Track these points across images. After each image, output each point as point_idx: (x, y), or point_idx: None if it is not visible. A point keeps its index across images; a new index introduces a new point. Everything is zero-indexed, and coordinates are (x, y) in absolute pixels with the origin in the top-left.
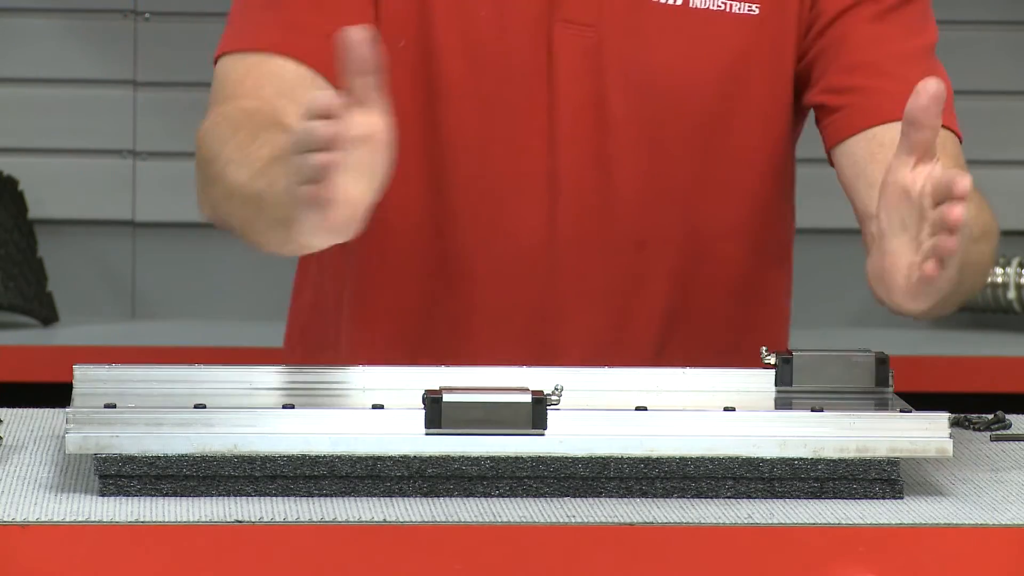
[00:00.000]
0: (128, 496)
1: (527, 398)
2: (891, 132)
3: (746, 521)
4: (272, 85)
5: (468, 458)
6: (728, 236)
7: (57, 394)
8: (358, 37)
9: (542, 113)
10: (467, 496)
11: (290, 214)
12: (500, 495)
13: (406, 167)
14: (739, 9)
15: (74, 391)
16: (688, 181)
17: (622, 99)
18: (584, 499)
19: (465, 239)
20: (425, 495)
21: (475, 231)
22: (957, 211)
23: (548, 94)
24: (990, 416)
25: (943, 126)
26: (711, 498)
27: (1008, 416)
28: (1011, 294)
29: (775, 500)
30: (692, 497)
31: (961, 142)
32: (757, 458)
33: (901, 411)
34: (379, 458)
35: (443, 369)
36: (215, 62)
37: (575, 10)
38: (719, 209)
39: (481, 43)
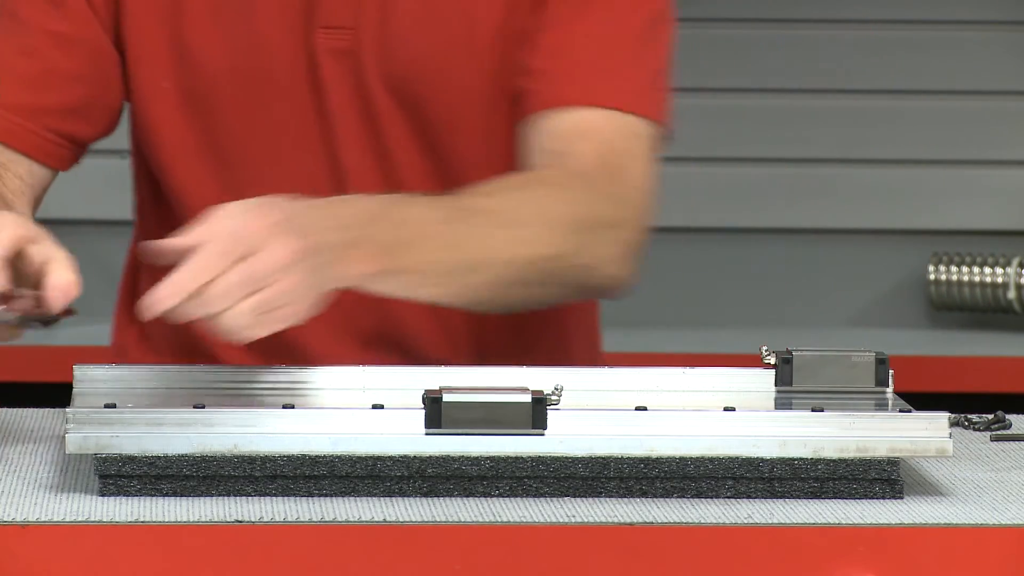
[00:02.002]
0: (128, 496)
1: (527, 398)
2: (550, 122)
3: (746, 521)
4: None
5: (468, 458)
6: None
7: (57, 394)
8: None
9: (313, 123)
10: (467, 496)
11: None
12: (500, 495)
13: (201, 195)
14: None
15: (74, 391)
16: (468, 167)
17: (386, 97)
18: (584, 499)
19: None
20: (425, 495)
21: None
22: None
23: (316, 103)
24: (990, 416)
25: (612, 107)
26: (711, 498)
27: (1008, 416)
28: (1011, 294)
29: (775, 500)
30: (692, 497)
31: (661, 123)
32: (757, 458)
33: (901, 411)
34: (379, 458)
35: (443, 369)
36: None
37: (332, 15)
38: None
39: (244, 64)
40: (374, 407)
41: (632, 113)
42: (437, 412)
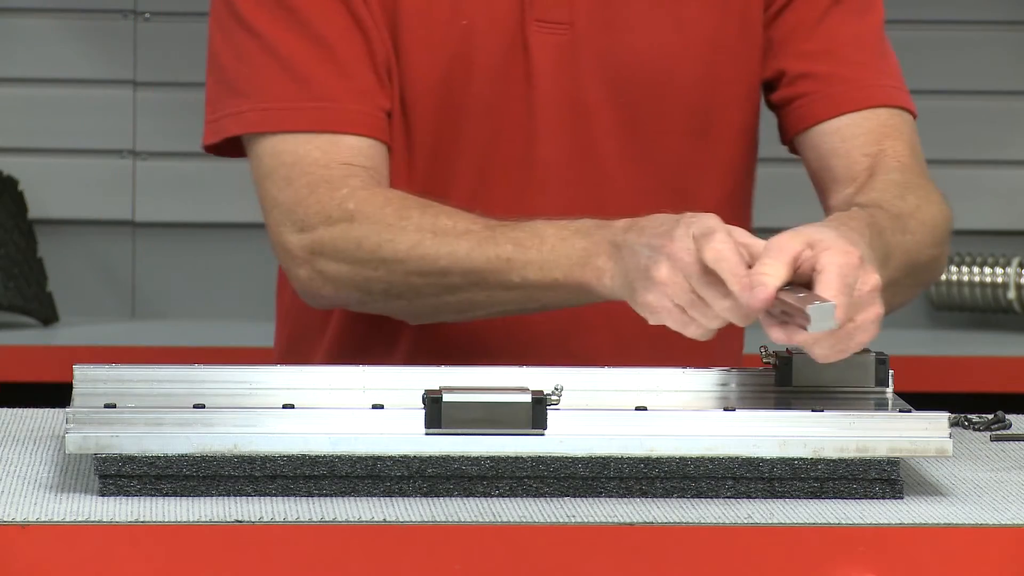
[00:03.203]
0: (128, 496)
1: (527, 398)
2: (852, 124)
3: (746, 521)
4: (367, 162)
5: (468, 458)
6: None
7: (57, 394)
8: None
9: (522, 115)
10: (467, 496)
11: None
12: (500, 495)
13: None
14: None
15: (74, 391)
16: (674, 167)
17: (601, 93)
18: (584, 499)
19: None
20: (425, 495)
21: None
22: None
23: (527, 96)
24: (990, 416)
25: (896, 106)
26: (711, 498)
27: (1008, 416)
28: (1011, 294)
29: (775, 500)
30: (692, 497)
31: (915, 116)
32: (757, 458)
33: (901, 411)
34: (379, 458)
35: (443, 369)
36: (238, 138)
37: (547, 9)
38: (706, 191)
39: (455, 55)
40: (374, 407)
41: (903, 108)
42: (437, 412)
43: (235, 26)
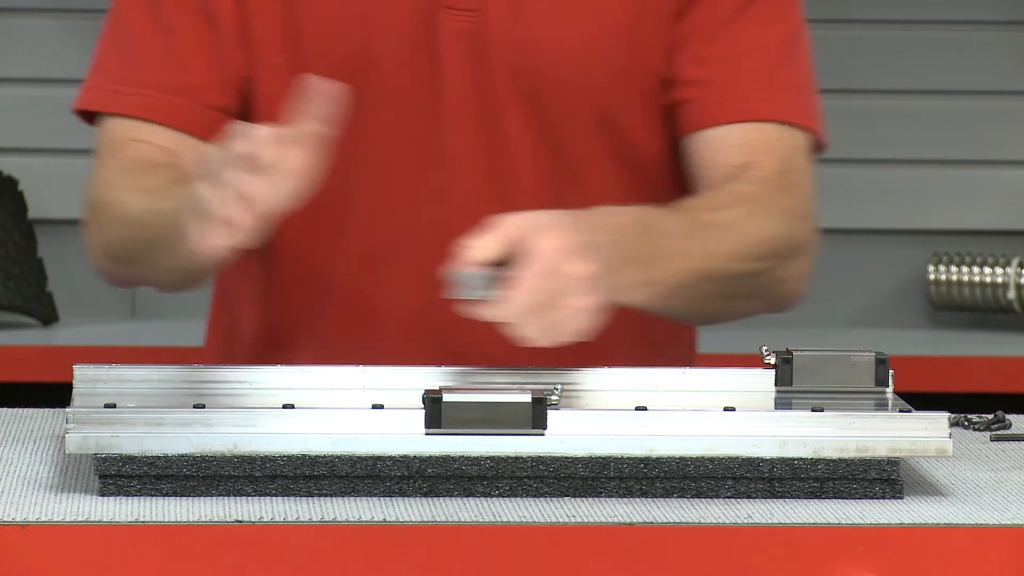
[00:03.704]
0: (128, 496)
1: (527, 398)
2: (726, 135)
3: (746, 521)
4: (156, 151)
5: (468, 458)
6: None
7: (57, 394)
8: (330, 91)
9: (423, 103)
10: (467, 496)
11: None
12: (500, 495)
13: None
14: None
15: (74, 391)
16: (580, 159)
17: (508, 83)
18: (584, 499)
19: (371, 227)
20: (425, 495)
21: (378, 220)
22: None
23: (434, 85)
24: (990, 416)
25: (783, 121)
26: (711, 498)
27: (1008, 416)
28: (1011, 294)
29: (775, 500)
30: (692, 497)
31: (818, 134)
32: (757, 458)
33: (901, 411)
34: (379, 458)
35: (443, 369)
36: (83, 112)
37: None
38: (612, 184)
39: (360, 40)
40: (374, 407)
41: (797, 126)
42: (437, 412)
43: (114, 4)
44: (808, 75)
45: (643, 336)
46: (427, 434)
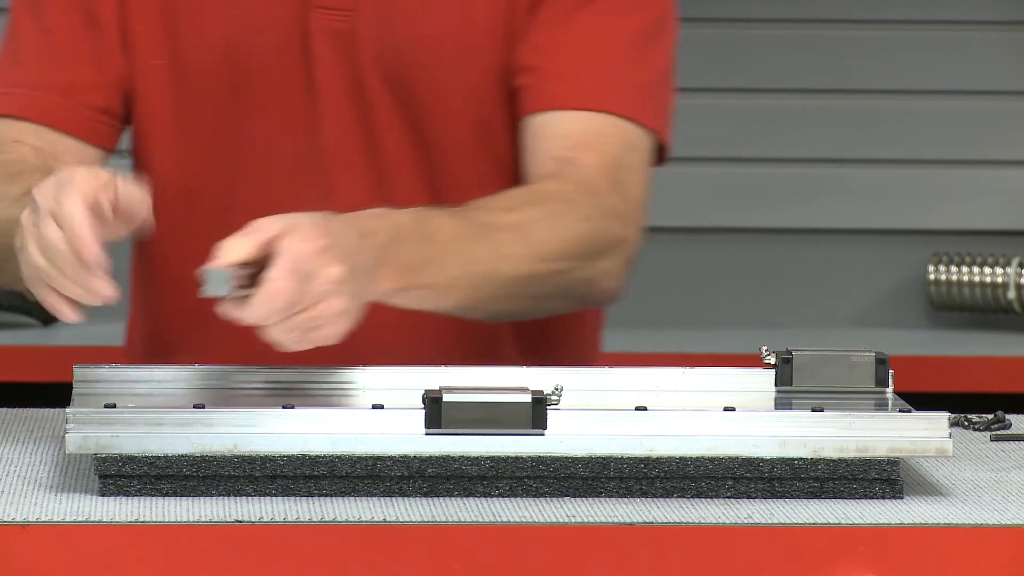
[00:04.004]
0: (128, 496)
1: (527, 398)
2: (550, 124)
3: (746, 521)
4: (32, 153)
5: (468, 458)
6: None
7: (57, 394)
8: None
9: (300, 103)
10: (467, 496)
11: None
12: (500, 495)
13: (174, 175)
14: None
15: (74, 391)
16: (452, 157)
17: (379, 82)
18: (584, 499)
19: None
20: (425, 495)
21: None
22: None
23: (308, 86)
24: (990, 416)
25: (618, 114)
26: (711, 498)
27: (1008, 416)
28: (1011, 294)
29: (775, 500)
30: (692, 497)
31: (660, 132)
32: (757, 458)
33: (901, 411)
34: (379, 458)
35: (443, 369)
36: None
37: None
38: (487, 182)
39: (235, 40)
40: (374, 407)
41: (633, 121)
42: (437, 412)
43: (10, 10)
44: (661, 74)
45: (524, 336)
46: (427, 434)
